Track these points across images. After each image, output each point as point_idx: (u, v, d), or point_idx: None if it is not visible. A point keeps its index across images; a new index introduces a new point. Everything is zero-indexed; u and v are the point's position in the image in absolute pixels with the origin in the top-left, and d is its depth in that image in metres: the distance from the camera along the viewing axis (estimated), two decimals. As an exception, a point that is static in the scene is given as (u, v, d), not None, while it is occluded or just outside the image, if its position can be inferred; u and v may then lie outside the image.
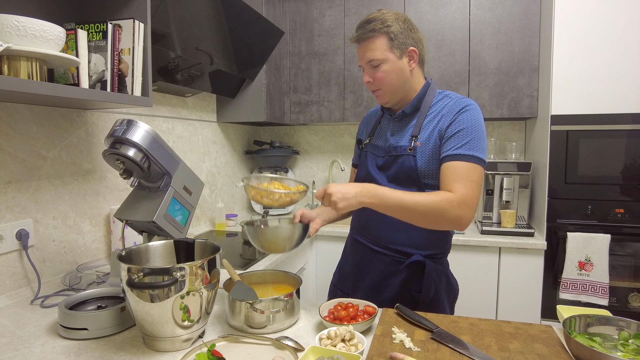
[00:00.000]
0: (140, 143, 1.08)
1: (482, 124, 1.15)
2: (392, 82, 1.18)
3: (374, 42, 1.16)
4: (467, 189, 1.07)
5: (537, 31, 2.21)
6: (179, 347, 0.92)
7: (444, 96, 1.22)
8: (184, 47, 1.72)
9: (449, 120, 1.14)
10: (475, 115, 1.14)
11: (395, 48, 1.15)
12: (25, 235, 1.28)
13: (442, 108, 1.19)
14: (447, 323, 1.01)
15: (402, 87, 1.20)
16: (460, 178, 1.08)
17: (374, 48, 1.16)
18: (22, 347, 0.93)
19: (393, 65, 1.16)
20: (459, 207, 1.05)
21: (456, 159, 1.10)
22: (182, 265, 0.87)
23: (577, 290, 1.95)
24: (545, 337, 0.93)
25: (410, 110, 1.22)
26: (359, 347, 0.85)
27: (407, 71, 1.18)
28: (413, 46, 1.17)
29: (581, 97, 1.97)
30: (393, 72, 1.17)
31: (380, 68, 1.17)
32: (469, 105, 1.15)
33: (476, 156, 1.10)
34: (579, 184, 1.99)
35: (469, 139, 1.11)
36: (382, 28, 1.14)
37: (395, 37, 1.15)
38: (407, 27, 1.17)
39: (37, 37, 0.99)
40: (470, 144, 1.11)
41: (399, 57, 1.16)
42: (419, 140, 1.18)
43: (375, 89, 1.21)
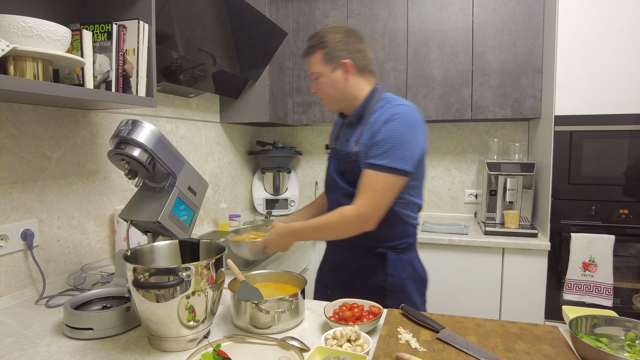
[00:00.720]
0: (145, 143, 1.08)
1: (406, 133, 1.17)
2: (328, 93, 1.31)
3: (312, 57, 1.30)
4: (367, 200, 1.17)
5: (540, 32, 2.20)
6: (185, 347, 0.92)
7: (386, 102, 1.27)
8: (187, 48, 1.73)
9: (376, 128, 1.21)
10: (399, 125, 1.18)
11: (329, 62, 1.28)
12: (30, 235, 1.28)
13: (380, 115, 1.24)
14: (452, 323, 1.01)
15: (339, 97, 1.31)
16: (365, 188, 1.18)
17: (312, 63, 1.31)
18: (28, 347, 0.94)
19: (327, 78, 1.29)
20: (356, 217, 1.17)
21: (368, 167, 1.19)
22: (188, 265, 0.87)
23: (581, 291, 1.95)
24: (551, 337, 0.93)
25: (355, 117, 1.32)
26: (365, 348, 0.85)
27: (342, 82, 1.29)
28: (348, 58, 1.27)
29: (585, 97, 1.97)
30: (327, 84, 1.30)
31: (318, 80, 1.31)
32: (395, 115, 1.20)
33: (386, 166, 1.16)
34: (582, 184, 1.99)
35: (384, 149, 1.17)
36: (318, 44, 1.28)
37: (329, 51, 1.27)
38: (343, 40, 1.27)
39: (43, 37, 0.99)
40: (385, 154, 1.16)
41: (332, 70, 1.28)
42: (359, 145, 1.26)
43: (321, 97, 1.35)
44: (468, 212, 2.73)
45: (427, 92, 2.40)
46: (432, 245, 2.19)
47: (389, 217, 1.23)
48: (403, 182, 1.19)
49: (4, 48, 0.92)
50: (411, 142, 1.18)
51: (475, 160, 2.69)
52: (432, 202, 2.80)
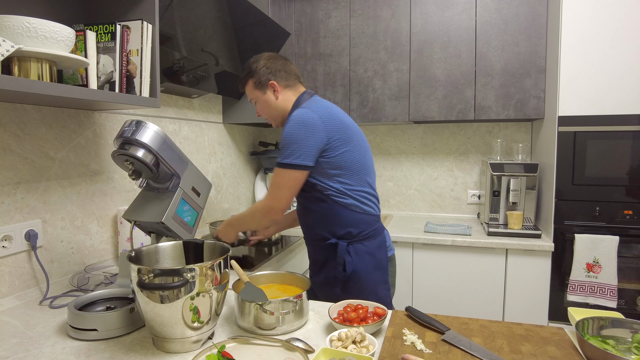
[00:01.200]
0: (149, 144, 1.08)
1: (297, 132, 1.30)
2: (267, 113, 1.49)
3: (247, 87, 1.49)
4: (272, 194, 1.36)
5: (543, 32, 2.20)
6: (189, 348, 0.92)
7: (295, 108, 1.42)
8: (190, 49, 1.72)
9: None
10: (291, 127, 1.32)
11: (259, 87, 1.45)
12: (34, 235, 1.28)
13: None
14: (457, 325, 1.01)
15: (277, 114, 1.48)
16: (271, 185, 1.37)
17: (248, 91, 1.49)
18: (33, 348, 0.94)
19: (262, 101, 1.47)
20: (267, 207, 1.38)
21: (276, 167, 1.35)
22: (192, 267, 0.86)
23: (585, 292, 1.94)
24: (557, 339, 0.92)
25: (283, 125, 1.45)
26: (370, 349, 0.85)
27: (274, 101, 1.46)
28: (272, 79, 1.43)
29: (589, 98, 1.96)
30: (264, 106, 1.48)
31: (257, 105, 1.50)
32: (290, 119, 1.34)
33: (281, 162, 1.32)
34: (586, 185, 1.98)
35: (281, 149, 1.33)
36: (247, 75, 1.46)
37: (257, 78, 1.44)
38: (265, 65, 1.43)
39: (47, 38, 0.99)
40: (282, 153, 1.33)
41: (264, 93, 1.45)
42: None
43: (264, 119, 1.52)
44: (471, 213, 2.72)
45: (430, 92, 2.40)
46: (435, 246, 2.18)
47: (329, 208, 1.38)
48: (302, 175, 1.33)
49: (9, 49, 0.92)
50: (302, 140, 1.30)
51: (478, 160, 2.69)
52: (435, 202, 2.79)
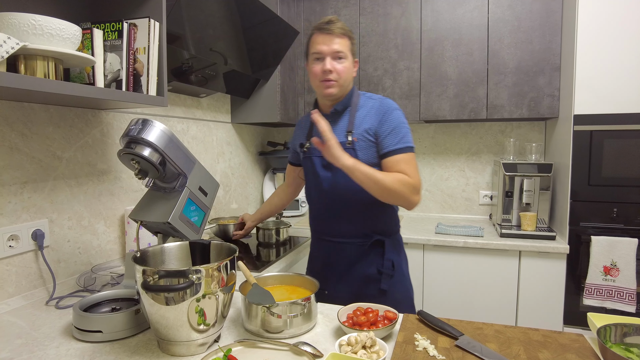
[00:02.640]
0: (155, 143, 1.06)
1: (404, 117, 1.37)
2: (346, 78, 1.36)
3: (343, 38, 1.34)
4: (416, 174, 1.32)
5: (558, 29, 2.14)
6: (195, 351, 0.89)
7: (368, 98, 1.42)
8: (198, 48, 1.71)
9: (379, 120, 1.34)
10: (400, 114, 1.37)
11: (353, 53, 1.39)
12: (41, 235, 1.28)
13: (370, 108, 1.38)
14: (471, 330, 0.97)
15: (348, 85, 1.39)
16: (408, 165, 1.31)
17: (343, 43, 1.34)
18: (37, 349, 0.92)
19: (348, 64, 1.36)
20: (413, 190, 1.29)
21: (399, 152, 1.32)
22: (198, 268, 0.84)
23: (602, 296, 1.88)
24: (577, 346, 0.88)
25: (341, 107, 1.39)
26: (381, 355, 0.82)
27: (352, 71, 1.40)
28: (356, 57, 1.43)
29: (605, 96, 1.91)
30: (348, 70, 1.36)
31: (342, 62, 1.34)
32: (392, 106, 1.37)
33: (410, 146, 1.34)
34: (603, 185, 1.93)
35: (403, 136, 1.33)
36: (348, 32, 1.36)
37: (353, 44, 1.39)
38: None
39: (53, 35, 0.98)
40: (404, 139, 1.33)
41: (352, 61, 1.39)
42: (354, 135, 1.35)
43: (334, 79, 1.34)
44: (483, 214, 2.67)
45: (441, 91, 2.36)
46: (447, 248, 2.14)
47: (385, 204, 1.34)
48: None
49: (14, 46, 0.90)
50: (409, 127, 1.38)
51: (490, 160, 2.64)
52: (446, 203, 2.75)
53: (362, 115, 1.38)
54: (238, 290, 1.06)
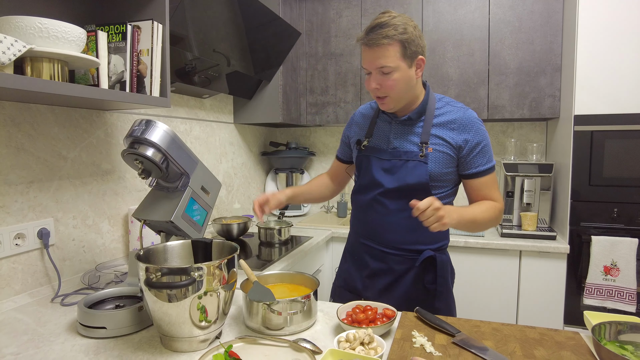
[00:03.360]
0: (159, 143, 1.08)
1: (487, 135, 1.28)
2: (400, 91, 1.19)
3: (388, 49, 1.14)
4: (501, 197, 1.30)
5: (559, 29, 2.15)
6: (196, 347, 0.91)
7: (445, 103, 1.28)
8: (201, 49, 1.73)
9: (464, 134, 1.23)
10: (484, 128, 1.26)
11: (407, 57, 1.16)
12: (47, 234, 1.30)
13: (450, 118, 1.25)
14: (468, 327, 0.98)
15: (407, 96, 1.23)
16: (494, 189, 1.28)
17: (388, 55, 1.14)
18: (43, 345, 0.94)
19: (403, 74, 1.17)
20: (501, 213, 1.28)
21: (486, 174, 1.26)
22: (200, 265, 0.86)
23: (602, 295, 1.89)
24: (572, 344, 0.89)
25: (416, 115, 1.26)
26: (379, 351, 0.83)
27: (414, 79, 1.21)
28: (422, 54, 1.19)
29: (606, 96, 1.91)
30: (402, 81, 1.18)
31: (391, 76, 1.16)
32: (475, 118, 1.25)
33: (494, 166, 1.28)
34: (604, 186, 1.93)
35: (489, 154, 1.26)
36: (396, 35, 1.13)
37: (408, 45, 1.15)
38: (417, 35, 1.17)
39: (59, 38, 1.00)
40: (490, 157, 1.27)
41: (409, 66, 1.17)
42: (430, 146, 1.24)
43: (383, 95, 1.21)
44: (484, 214, 2.67)
45: (443, 91, 2.37)
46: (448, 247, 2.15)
47: None
48: None
49: (21, 49, 0.93)
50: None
51: (491, 161, 2.64)
52: (447, 203, 2.75)
53: (440, 124, 1.25)
54: (239, 288, 1.08)
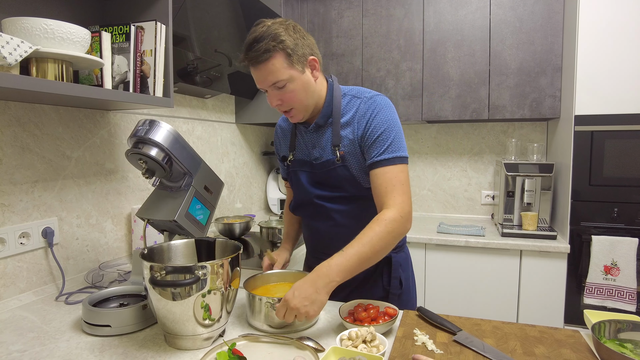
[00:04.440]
0: (162, 143, 1.09)
1: (396, 119, 1.14)
2: (302, 99, 1.12)
3: (272, 62, 1.05)
4: (402, 195, 1.07)
5: (560, 30, 2.16)
6: (200, 345, 0.92)
7: (352, 97, 1.19)
8: (203, 49, 1.74)
9: (364, 125, 1.13)
10: (388, 114, 1.13)
11: (296, 63, 1.08)
12: (51, 233, 1.31)
13: (355, 112, 1.16)
14: (469, 326, 0.99)
15: (312, 100, 1.15)
16: (392, 185, 1.08)
17: (275, 69, 1.05)
18: (49, 342, 0.95)
19: (299, 82, 1.09)
20: (403, 221, 1.05)
21: (382, 165, 1.10)
22: (204, 264, 0.87)
23: (602, 295, 1.90)
24: (572, 342, 0.90)
25: (322, 120, 1.18)
26: (381, 349, 0.84)
27: (313, 82, 1.13)
28: (311, 55, 1.11)
29: (606, 96, 1.92)
30: (301, 90, 1.10)
31: (287, 89, 1.09)
32: (378, 106, 1.13)
33: (399, 156, 1.10)
34: (604, 185, 1.94)
35: (389, 142, 1.10)
36: (276, 45, 1.04)
37: (292, 51, 1.06)
38: (300, 36, 1.09)
39: (64, 39, 1.01)
40: (392, 146, 1.10)
41: (301, 72, 1.09)
42: (341, 149, 1.16)
43: (287, 109, 1.13)
44: (485, 214, 2.69)
45: (444, 92, 2.38)
46: (449, 247, 2.16)
47: None
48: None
49: (27, 50, 0.94)
50: (401, 129, 1.15)
51: (492, 161, 2.65)
52: (449, 203, 2.77)
53: (346, 121, 1.17)
54: (242, 287, 1.09)
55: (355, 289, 1.25)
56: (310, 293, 0.93)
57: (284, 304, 0.93)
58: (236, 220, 2.06)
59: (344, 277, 0.97)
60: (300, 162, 1.25)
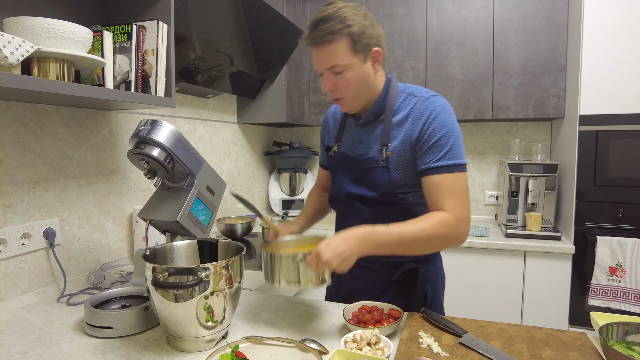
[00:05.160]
0: (164, 143, 1.08)
1: (456, 123, 1.07)
2: (357, 90, 1.07)
3: (335, 46, 1.00)
4: (460, 205, 1.00)
5: (564, 29, 2.14)
6: (203, 347, 0.91)
7: (407, 94, 1.12)
8: (204, 49, 1.73)
9: (420, 127, 1.06)
10: (447, 116, 1.05)
11: (359, 51, 1.02)
12: (52, 233, 1.30)
13: (410, 111, 1.09)
14: (475, 328, 0.98)
15: (366, 92, 1.10)
16: (449, 194, 1.01)
17: (336, 53, 1.01)
18: (50, 344, 0.95)
19: (358, 72, 1.04)
20: (457, 227, 0.99)
21: (439, 172, 1.02)
22: (206, 265, 0.86)
23: (607, 296, 1.88)
24: (579, 344, 0.89)
25: (373, 116, 1.13)
26: (386, 351, 0.83)
27: (372, 75, 1.08)
28: (376, 46, 1.05)
29: (612, 96, 1.91)
30: (357, 79, 1.05)
31: (343, 75, 1.04)
32: (438, 107, 1.06)
33: (458, 164, 1.03)
34: (609, 186, 1.92)
35: (448, 148, 1.03)
36: (342, 29, 0.99)
37: (358, 38, 1.01)
38: (369, 24, 1.03)
39: (65, 38, 1.01)
40: (451, 153, 1.03)
41: (363, 61, 1.04)
42: (389, 149, 1.10)
43: (340, 96, 1.08)
44: (488, 214, 2.67)
45: (447, 91, 2.36)
46: (452, 248, 2.14)
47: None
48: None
49: (29, 49, 0.93)
50: (460, 134, 1.07)
51: (495, 161, 2.64)
52: (451, 203, 2.75)
53: (400, 120, 1.09)
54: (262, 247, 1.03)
55: (377, 296, 1.19)
56: (344, 250, 0.91)
57: (316, 256, 0.90)
58: (238, 220, 2.06)
59: (375, 249, 0.95)
60: (343, 156, 1.21)
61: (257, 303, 1.19)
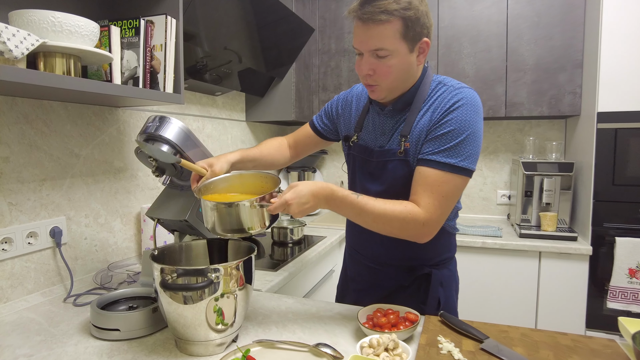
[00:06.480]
0: (173, 140, 1.05)
1: (477, 123, 0.96)
2: (395, 79, 0.98)
3: (386, 27, 0.91)
4: (436, 207, 0.94)
5: (581, 25, 2.09)
6: (212, 351, 0.88)
7: (438, 83, 1.04)
8: (213, 46, 1.70)
9: (438, 115, 0.98)
10: (469, 112, 0.95)
11: (409, 39, 0.93)
12: (59, 232, 1.28)
13: (436, 99, 1.01)
14: (495, 333, 0.94)
15: (404, 84, 1.02)
16: (430, 191, 0.94)
17: (385, 35, 0.92)
18: (56, 346, 0.92)
19: (402, 60, 0.96)
20: (422, 226, 0.94)
21: (431, 166, 0.95)
22: (217, 266, 0.83)
23: (627, 299, 1.82)
24: (609, 352, 0.84)
25: (400, 105, 1.05)
26: (404, 358, 0.79)
27: (415, 67, 1.00)
28: (427, 37, 0.97)
29: (632, 93, 1.85)
30: (399, 67, 0.96)
31: (386, 61, 0.95)
32: (461, 101, 0.97)
33: (456, 165, 0.94)
34: (629, 185, 1.87)
35: (452, 144, 0.94)
36: (398, 10, 0.90)
37: (411, 24, 0.92)
38: (425, 11, 0.94)
39: (72, 32, 0.98)
40: (453, 151, 0.94)
41: (410, 50, 0.95)
42: (408, 140, 1.02)
43: (374, 83, 1.00)
44: (500, 214, 2.62)
45: (458, 89, 2.31)
46: (465, 248, 2.10)
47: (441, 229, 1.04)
48: (466, 185, 0.98)
49: (34, 43, 0.90)
50: (478, 135, 0.96)
51: (508, 159, 2.58)
52: (463, 203, 2.70)
53: (424, 111, 1.02)
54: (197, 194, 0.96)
55: (386, 297, 1.16)
56: (311, 206, 0.93)
57: (283, 205, 0.90)
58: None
59: (337, 212, 0.96)
60: (362, 148, 1.13)
61: (268, 304, 1.15)
